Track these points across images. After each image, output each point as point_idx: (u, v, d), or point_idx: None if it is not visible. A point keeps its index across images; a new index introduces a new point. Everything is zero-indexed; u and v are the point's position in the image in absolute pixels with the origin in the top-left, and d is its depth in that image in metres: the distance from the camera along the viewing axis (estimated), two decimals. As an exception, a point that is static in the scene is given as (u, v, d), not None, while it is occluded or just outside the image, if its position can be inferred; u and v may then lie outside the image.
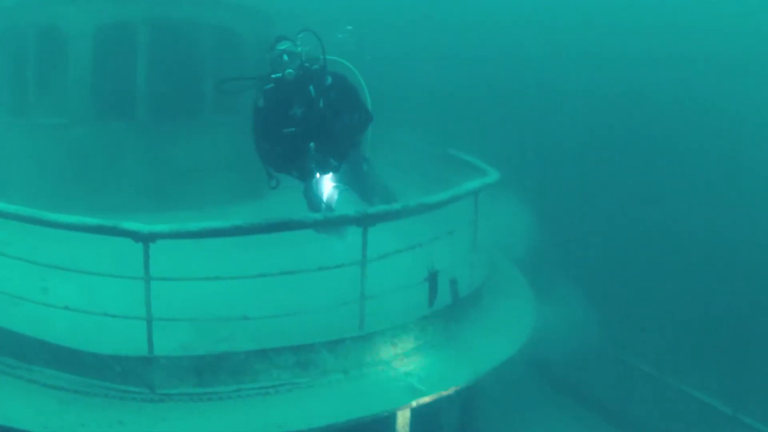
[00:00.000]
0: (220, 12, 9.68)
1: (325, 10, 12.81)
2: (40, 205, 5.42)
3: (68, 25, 9.60)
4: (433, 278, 5.59)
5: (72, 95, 9.61)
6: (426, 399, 5.18)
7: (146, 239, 4.83)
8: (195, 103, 9.59)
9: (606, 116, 11.43)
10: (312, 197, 6.10)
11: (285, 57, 5.73)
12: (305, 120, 5.85)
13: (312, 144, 5.82)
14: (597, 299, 7.97)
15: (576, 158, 11.51)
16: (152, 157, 9.24)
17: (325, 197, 6.14)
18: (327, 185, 6.16)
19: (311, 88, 5.83)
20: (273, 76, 5.80)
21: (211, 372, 5.02)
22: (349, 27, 9.76)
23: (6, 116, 10.55)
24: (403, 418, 5.25)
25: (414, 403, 5.13)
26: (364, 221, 5.09)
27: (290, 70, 5.67)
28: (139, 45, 9.45)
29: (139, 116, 9.62)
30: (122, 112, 9.63)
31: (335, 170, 6.04)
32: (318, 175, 6.03)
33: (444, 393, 5.32)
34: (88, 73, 9.57)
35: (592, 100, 11.65)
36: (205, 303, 5.27)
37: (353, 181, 6.24)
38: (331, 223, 5.03)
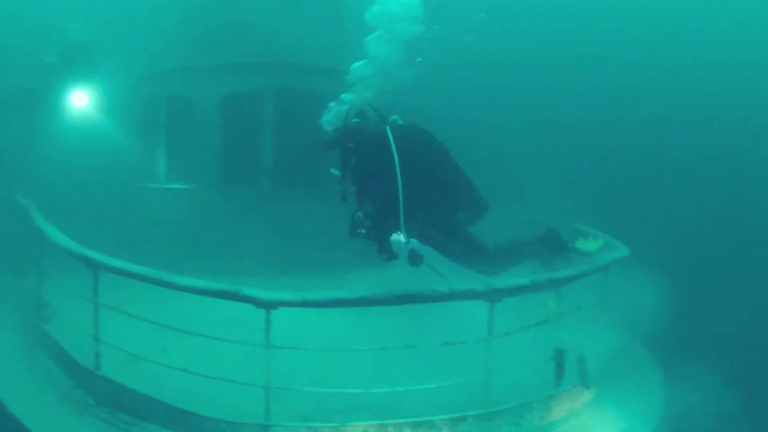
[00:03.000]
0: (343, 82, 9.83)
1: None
2: (164, 266, 5.49)
3: (196, 94, 10.07)
4: (559, 356, 5.29)
5: (199, 162, 10.00)
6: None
7: (268, 306, 4.78)
8: (318, 171, 9.73)
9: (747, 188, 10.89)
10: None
11: None
12: None
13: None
14: (736, 381, 7.35)
15: (715, 228, 10.97)
16: (275, 224, 9.37)
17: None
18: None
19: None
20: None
21: (328, 444, 4.87)
22: (483, 14, 9.39)
23: (136, 180, 11.13)
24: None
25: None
26: (491, 296, 4.87)
27: None
28: (265, 114, 9.77)
29: (263, 183, 9.96)
30: (247, 179, 9.96)
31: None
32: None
33: (568, 476, 5.01)
34: (215, 140, 10.00)
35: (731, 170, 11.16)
36: (325, 372, 5.16)
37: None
38: (457, 296, 4.82)
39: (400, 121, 5.81)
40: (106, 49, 12.01)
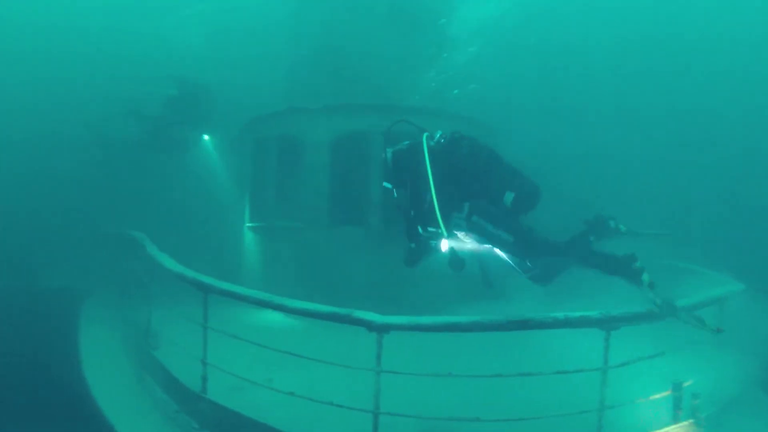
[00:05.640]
0: (449, 124, 9.97)
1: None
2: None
3: (307, 135, 10.40)
4: (678, 389, 5.09)
5: (308, 201, 10.29)
6: None
7: (380, 330, 4.78)
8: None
9: None
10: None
11: None
12: None
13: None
14: None
15: None
16: (383, 263, 9.48)
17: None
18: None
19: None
20: None
21: (436, 472, 4.80)
22: None
23: (247, 219, 11.67)
24: None
25: None
26: (607, 324, 4.76)
27: None
28: (373, 154, 9.99)
29: (372, 222, 10.21)
30: (355, 218, 10.29)
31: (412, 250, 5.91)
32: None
33: None
34: (324, 180, 10.39)
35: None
36: (434, 399, 5.10)
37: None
38: (572, 323, 4.72)
39: (439, 133, 5.87)
40: (221, 88, 12.58)
